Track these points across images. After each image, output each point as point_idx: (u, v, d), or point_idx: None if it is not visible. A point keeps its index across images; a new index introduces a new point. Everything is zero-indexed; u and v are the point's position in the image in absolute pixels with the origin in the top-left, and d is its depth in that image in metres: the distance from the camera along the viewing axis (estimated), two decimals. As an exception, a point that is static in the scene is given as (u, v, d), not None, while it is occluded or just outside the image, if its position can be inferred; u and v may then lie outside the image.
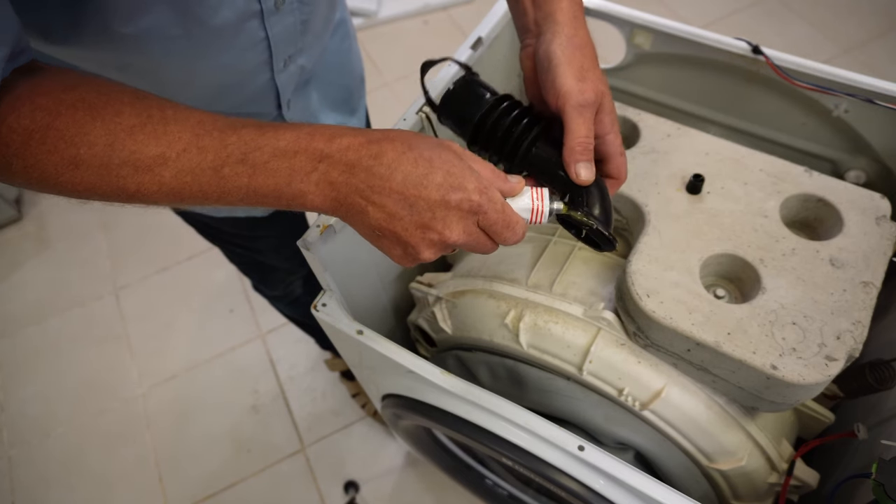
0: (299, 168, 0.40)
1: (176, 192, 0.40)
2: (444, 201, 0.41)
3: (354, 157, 0.40)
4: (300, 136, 0.40)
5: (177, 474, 1.43)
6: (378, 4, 2.24)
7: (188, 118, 0.40)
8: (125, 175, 0.39)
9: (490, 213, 0.43)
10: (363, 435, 1.44)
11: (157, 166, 0.39)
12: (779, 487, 0.64)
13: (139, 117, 0.39)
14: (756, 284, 0.57)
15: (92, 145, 0.38)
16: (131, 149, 0.38)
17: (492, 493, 1.06)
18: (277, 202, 0.42)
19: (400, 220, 0.41)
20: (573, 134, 0.48)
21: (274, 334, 1.61)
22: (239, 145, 0.40)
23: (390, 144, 0.41)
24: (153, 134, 0.39)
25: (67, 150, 0.38)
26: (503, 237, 0.44)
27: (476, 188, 0.42)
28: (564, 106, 0.48)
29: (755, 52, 0.71)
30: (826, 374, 0.51)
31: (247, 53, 0.56)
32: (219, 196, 0.41)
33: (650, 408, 0.60)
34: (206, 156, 0.39)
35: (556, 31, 0.50)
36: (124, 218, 1.87)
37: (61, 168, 0.38)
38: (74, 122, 0.38)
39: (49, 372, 1.61)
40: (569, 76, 0.48)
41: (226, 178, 0.40)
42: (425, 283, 0.78)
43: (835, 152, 0.77)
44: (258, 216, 0.83)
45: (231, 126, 0.41)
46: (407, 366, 0.60)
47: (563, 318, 0.63)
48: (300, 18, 0.58)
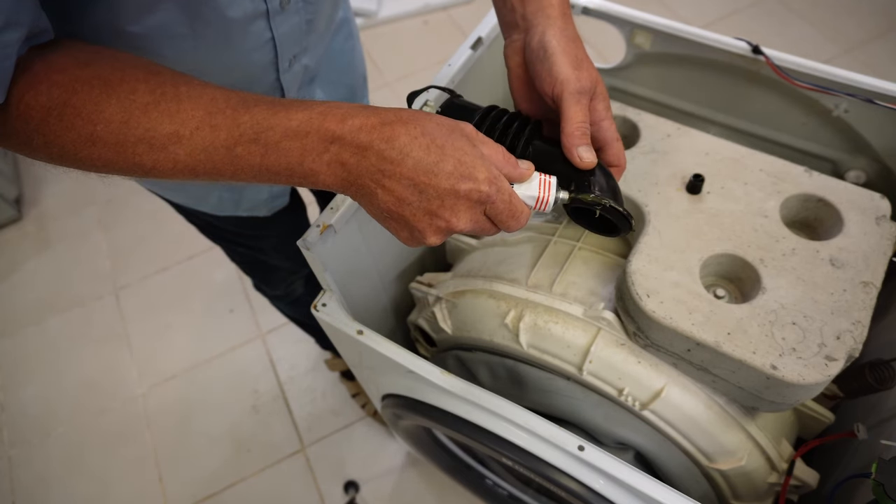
0: (311, 148, 0.40)
1: (191, 168, 0.41)
2: (454, 190, 0.41)
3: (366, 140, 0.40)
4: (312, 116, 0.41)
5: (177, 474, 1.43)
6: (378, 4, 2.24)
7: (201, 95, 0.41)
8: (141, 152, 0.40)
9: (497, 203, 0.43)
10: (363, 435, 1.44)
11: (171, 144, 0.40)
12: (779, 487, 0.64)
13: (153, 94, 0.40)
14: (756, 284, 0.57)
15: (108, 122, 0.39)
16: (146, 126, 0.39)
17: (492, 493, 1.06)
18: (290, 180, 0.42)
19: (409, 205, 0.41)
20: (571, 120, 0.48)
21: (274, 334, 1.61)
22: (251, 125, 0.40)
23: (403, 128, 0.41)
24: (167, 112, 0.40)
25: (85, 127, 0.39)
26: (506, 225, 0.45)
27: (486, 178, 0.42)
28: (562, 93, 0.49)
29: (755, 52, 0.71)
30: (826, 374, 0.51)
31: (253, 54, 0.56)
32: (233, 173, 0.41)
33: (650, 408, 0.60)
34: (219, 134, 0.40)
35: (548, 24, 0.51)
36: (124, 218, 1.87)
37: (79, 144, 0.39)
38: (91, 100, 0.39)
39: (49, 372, 1.61)
40: (565, 65, 0.49)
41: (239, 156, 0.40)
42: (425, 283, 0.78)
43: (835, 152, 0.77)
44: (260, 216, 0.83)
45: (244, 104, 0.41)
46: (407, 366, 0.60)
47: (563, 318, 0.63)
48: (305, 18, 0.58)
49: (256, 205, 0.80)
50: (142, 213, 1.87)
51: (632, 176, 0.65)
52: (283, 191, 0.82)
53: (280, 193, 0.81)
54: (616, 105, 0.73)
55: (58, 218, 1.90)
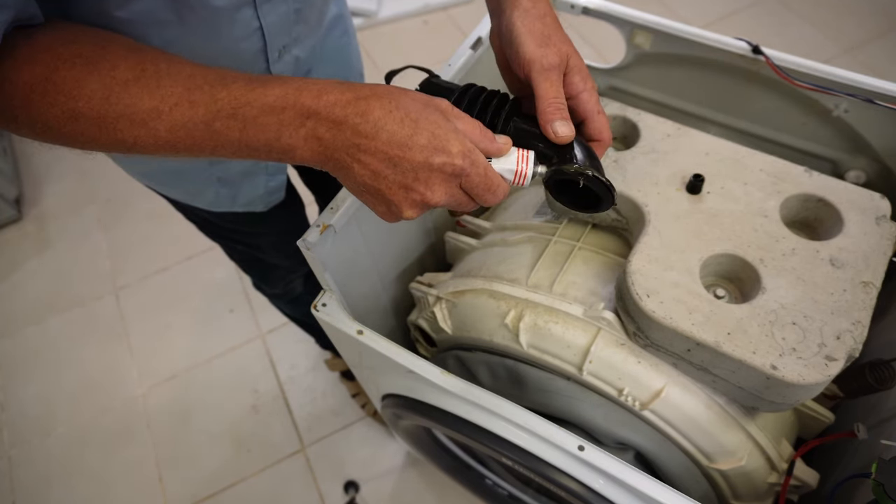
0: (288, 123, 0.41)
1: (171, 144, 0.42)
2: (427, 164, 0.41)
3: (341, 115, 0.41)
4: (288, 91, 0.41)
5: (177, 474, 1.43)
6: (378, 4, 2.24)
7: (180, 72, 0.41)
8: (122, 128, 0.40)
9: (472, 177, 0.43)
10: (363, 435, 1.44)
11: (151, 120, 0.40)
12: (779, 487, 0.64)
13: (133, 71, 0.40)
14: (756, 284, 0.57)
15: (89, 99, 0.40)
16: (126, 102, 0.40)
17: (492, 493, 1.06)
18: (269, 155, 0.43)
19: (384, 178, 0.42)
20: (542, 97, 0.49)
21: (274, 334, 1.61)
22: (229, 100, 0.41)
23: (377, 102, 0.41)
24: (147, 87, 0.40)
25: (67, 104, 0.39)
26: (483, 199, 0.46)
27: (460, 151, 0.42)
28: (530, 73, 0.49)
29: (755, 52, 0.71)
30: (826, 374, 0.51)
31: (242, 43, 0.56)
32: (213, 148, 0.42)
33: (650, 408, 0.60)
34: (198, 110, 0.41)
35: (514, 6, 0.51)
36: (124, 218, 1.87)
37: (62, 120, 0.40)
38: (72, 76, 0.39)
39: (49, 372, 1.61)
40: (530, 44, 0.49)
41: (217, 132, 0.41)
42: (425, 283, 0.78)
43: (835, 152, 0.77)
44: (257, 211, 0.83)
45: (221, 80, 0.42)
46: (407, 366, 0.60)
47: (563, 318, 0.63)
48: (293, 7, 0.59)
49: (253, 200, 0.80)
50: (142, 213, 1.87)
51: (632, 176, 0.65)
52: (279, 185, 0.82)
53: (276, 188, 0.81)
54: (616, 105, 0.73)
55: (58, 218, 1.90)
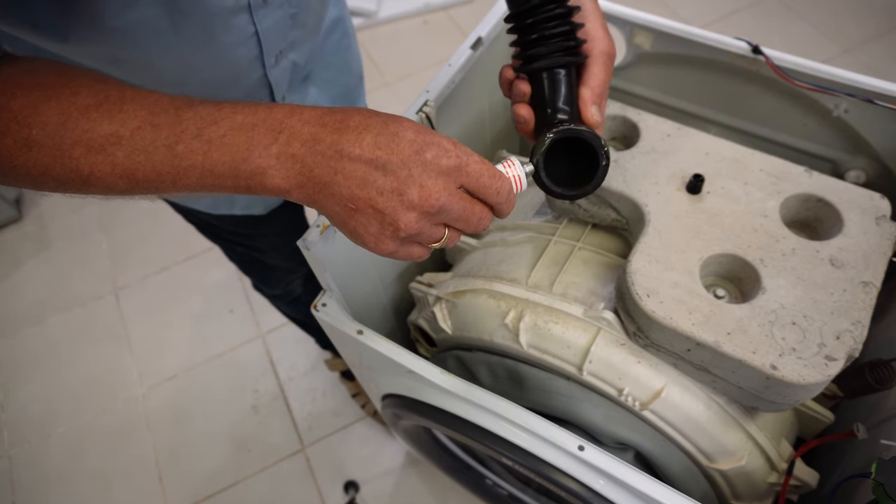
0: (258, 141, 0.38)
1: (130, 173, 0.38)
2: (419, 157, 0.38)
3: (318, 126, 0.38)
4: (258, 109, 0.39)
5: (177, 474, 1.43)
6: (378, 4, 2.24)
7: (146, 97, 0.39)
8: (77, 156, 0.38)
9: (472, 166, 0.40)
10: (363, 435, 1.44)
11: (109, 145, 0.38)
12: (778, 487, 0.64)
13: (96, 97, 0.38)
14: (756, 284, 0.57)
15: (44, 125, 0.37)
16: (84, 127, 0.37)
17: (492, 493, 1.06)
18: (235, 182, 0.39)
19: (373, 184, 0.38)
20: (596, 77, 0.50)
21: (274, 334, 1.61)
22: (195, 121, 0.38)
23: (355, 111, 0.40)
24: (108, 113, 0.38)
25: (20, 132, 0.37)
26: (490, 191, 0.42)
27: (452, 144, 0.40)
28: (592, 50, 0.50)
29: (755, 52, 0.71)
30: (826, 374, 0.51)
31: (238, 48, 0.56)
32: (174, 177, 0.39)
33: (650, 408, 0.60)
34: (161, 132, 0.38)
35: None
36: (124, 218, 1.87)
37: (14, 150, 0.37)
38: (29, 103, 0.37)
39: (49, 372, 1.61)
40: (599, 26, 0.51)
41: (180, 155, 0.38)
42: (425, 283, 0.78)
43: (835, 152, 0.77)
44: (257, 214, 0.83)
45: (188, 103, 0.39)
46: (407, 366, 0.60)
47: (563, 318, 0.63)
48: (289, 12, 0.58)
49: (252, 202, 0.80)
50: (142, 213, 1.87)
51: (632, 176, 0.65)
52: None
53: None
54: (616, 105, 0.73)
55: (58, 218, 1.90)
